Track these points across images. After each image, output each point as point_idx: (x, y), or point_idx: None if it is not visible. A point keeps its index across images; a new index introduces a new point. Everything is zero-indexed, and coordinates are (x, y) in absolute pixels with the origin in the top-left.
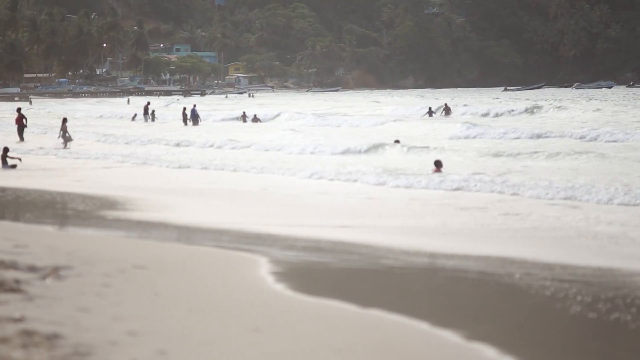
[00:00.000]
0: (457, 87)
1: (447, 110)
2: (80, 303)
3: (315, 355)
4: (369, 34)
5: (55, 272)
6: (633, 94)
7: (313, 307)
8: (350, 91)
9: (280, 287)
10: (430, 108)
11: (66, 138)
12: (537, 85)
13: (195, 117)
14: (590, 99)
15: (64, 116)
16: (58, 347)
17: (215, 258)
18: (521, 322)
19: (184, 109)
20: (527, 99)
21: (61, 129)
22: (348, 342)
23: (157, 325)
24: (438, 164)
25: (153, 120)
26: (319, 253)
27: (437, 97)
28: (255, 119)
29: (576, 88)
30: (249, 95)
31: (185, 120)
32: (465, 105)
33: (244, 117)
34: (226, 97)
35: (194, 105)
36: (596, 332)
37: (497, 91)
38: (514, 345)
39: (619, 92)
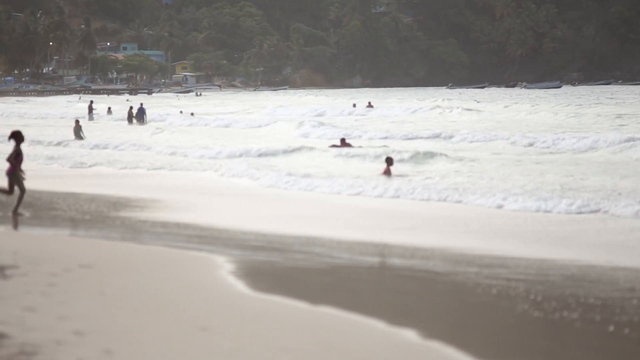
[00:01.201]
0: (404, 86)
1: (369, 106)
2: (25, 302)
3: (262, 354)
4: (316, 33)
5: (0, 271)
6: (571, 93)
7: (263, 305)
8: (298, 90)
9: (230, 286)
10: (354, 104)
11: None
12: (480, 85)
13: (141, 116)
14: (511, 99)
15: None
16: (3, 347)
17: (163, 257)
18: (469, 319)
19: (130, 108)
20: (435, 99)
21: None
22: (297, 340)
23: (103, 325)
24: (389, 161)
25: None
26: (269, 252)
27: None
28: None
29: (525, 88)
30: (197, 94)
31: (130, 119)
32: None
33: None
34: (178, 98)
35: (141, 104)
36: (545, 329)
37: (442, 90)
38: (466, 342)
39: (555, 92)
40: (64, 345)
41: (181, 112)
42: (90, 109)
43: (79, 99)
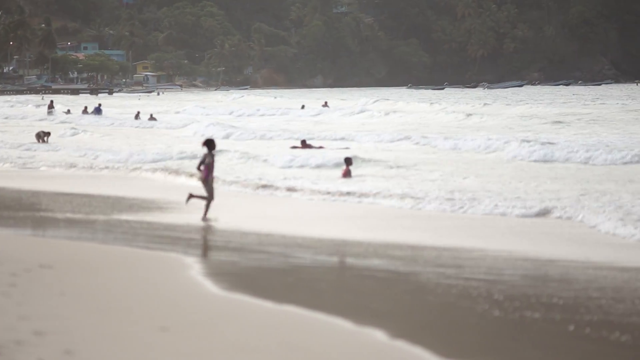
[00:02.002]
0: (365, 86)
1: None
2: None
3: (223, 355)
4: (277, 32)
5: None
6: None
7: (226, 305)
8: (258, 90)
9: (193, 286)
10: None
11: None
12: (439, 87)
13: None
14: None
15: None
16: None
17: (126, 258)
18: (432, 319)
19: (85, 107)
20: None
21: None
22: (259, 340)
23: (64, 325)
24: (348, 161)
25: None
26: (230, 252)
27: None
28: (152, 118)
29: (487, 88)
30: (158, 94)
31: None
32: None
33: (137, 116)
34: (139, 98)
35: (99, 105)
36: (505, 328)
37: (403, 90)
38: (431, 341)
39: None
40: (23, 345)
41: (137, 115)
42: (50, 107)
43: (42, 98)
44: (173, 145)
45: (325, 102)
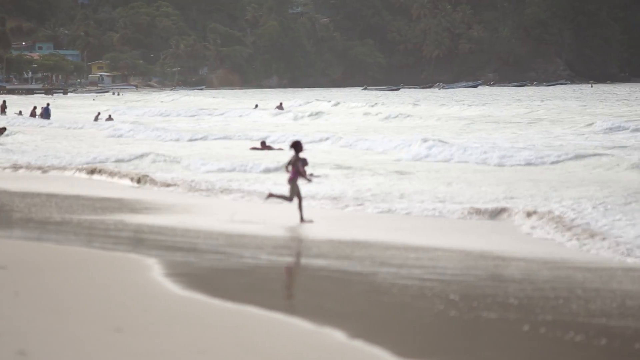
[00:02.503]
0: (321, 86)
1: (280, 106)
2: None
3: (178, 356)
4: (233, 33)
5: None
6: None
7: (183, 306)
8: (214, 90)
9: (149, 287)
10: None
11: None
12: (394, 87)
13: (47, 115)
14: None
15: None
16: None
17: (82, 258)
18: (389, 319)
19: (34, 107)
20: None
21: None
22: (216, 341)
23: (17, 326)
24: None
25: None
26: (186, 252)
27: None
28: (110, 118)
29: (442, 88)
30: (113, 94)
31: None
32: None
33: (96, 117)
34: (94, 99)
35: (48, 104)
36: (461, 328)
37: (358, 90)
38: (388, 341)
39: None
40: None
41: (97, 116)
42: (3, 108)
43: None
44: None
45: (280, 104)
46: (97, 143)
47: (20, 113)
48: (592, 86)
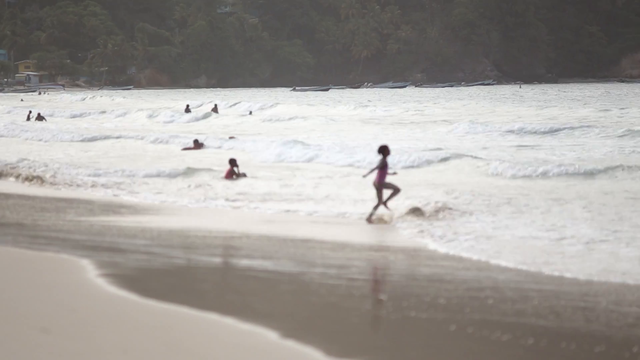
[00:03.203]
0: (249, 86)
1: (215, 109)
2: None
3: (102, 356)
4: (161, 32)
5: None
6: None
7: (111, 306)
8: (142, 90)
9: (79, 287)
10: (187, 105)
11: None
12: (324, 88)
13: None
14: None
15: None
16: None
17: (11, 258)
18: (317, 319)
19: None
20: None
21: None
22: (143, 341)
23: None
24: (232, 162)
25: None
26: (113, 252)
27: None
28: (40, 117)
29: (369, 88)
30: (39, 93)
31: None
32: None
33: (28, 116)
34: (22, 100)
35: None
36: (388, 328)
37: (287, 90)
38: (317, 340)
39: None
40: None
41: (29, 116)
42: None
43: None
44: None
45: (215, 106)
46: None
47: None
48: (520, 87)
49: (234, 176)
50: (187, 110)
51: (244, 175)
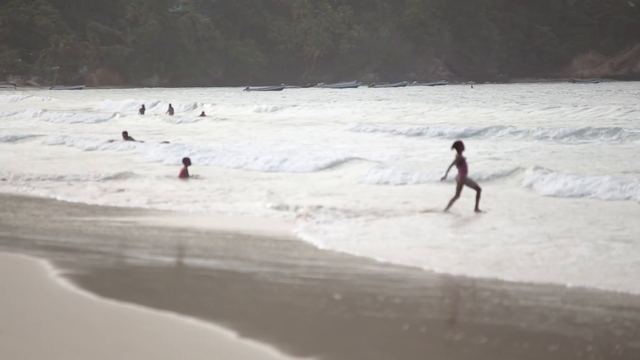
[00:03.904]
0: (202, 86)
1: (170, 110)
2: None
3: (54, 356)
4: (113, 32)
5: None
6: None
7: (62, 306)
8: (93, 89)
9: (34, 287)
10: (143, 105)
11: None
12: (278, 87)
13: None
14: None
15: None
16: None
17: None
18: (273, 318)
19: None
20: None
21: None
22: (93, 341)
23: None
24: (186, 162)
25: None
26: (64, 252)
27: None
28: None
29: (321, 87)
30: None
31: None
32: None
33: None
34: None
35: None
36: (342, 327)
37: (239, 90)
38: (274, 339)
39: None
40: None
41: None
42: None
43: None
44: None
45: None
46: None
47: None
48: (472, 87)
49: (189, 176)
50: (142, 111)
51: (197, 176)
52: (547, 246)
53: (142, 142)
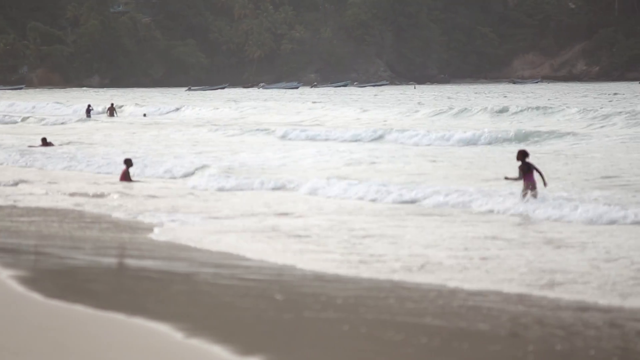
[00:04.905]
0: (143, 86)
1: (111, 110)
2: None
3: None
4: (53, 32)
5: None
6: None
7: (12, 307)
8: (34, 90)
9: None
10: (89, 106)
11: None
12: (221, 86)
13: None
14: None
15: None
16: None
17: None
18: (210, 318)
19: None
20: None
21: None
22: (32, 341)
23: None
24: (128, 162)
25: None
26: (9, 253)
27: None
28: None
29: (262, 88)
30: None
31: None
32: None
33: None
34: None
35: None
36: (284, 327)
37: (181, 90)
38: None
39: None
40: None
41: None
42: None
43: None
44: None
45: (112, 105)
46: None
47: None
48: (415, 87)
49: (131, 180)
50: (88, 111)
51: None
52: None
53: (61, 146)
